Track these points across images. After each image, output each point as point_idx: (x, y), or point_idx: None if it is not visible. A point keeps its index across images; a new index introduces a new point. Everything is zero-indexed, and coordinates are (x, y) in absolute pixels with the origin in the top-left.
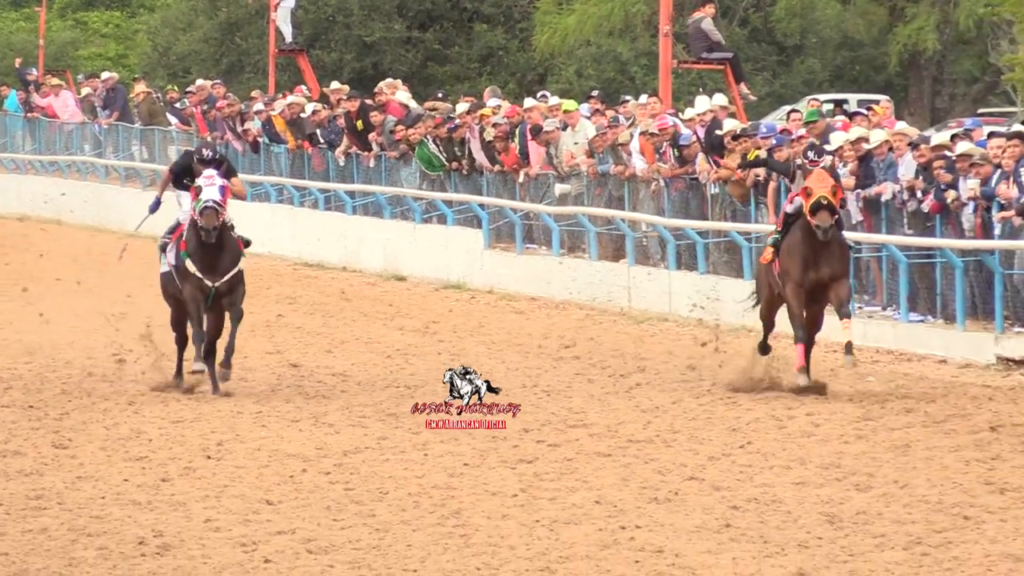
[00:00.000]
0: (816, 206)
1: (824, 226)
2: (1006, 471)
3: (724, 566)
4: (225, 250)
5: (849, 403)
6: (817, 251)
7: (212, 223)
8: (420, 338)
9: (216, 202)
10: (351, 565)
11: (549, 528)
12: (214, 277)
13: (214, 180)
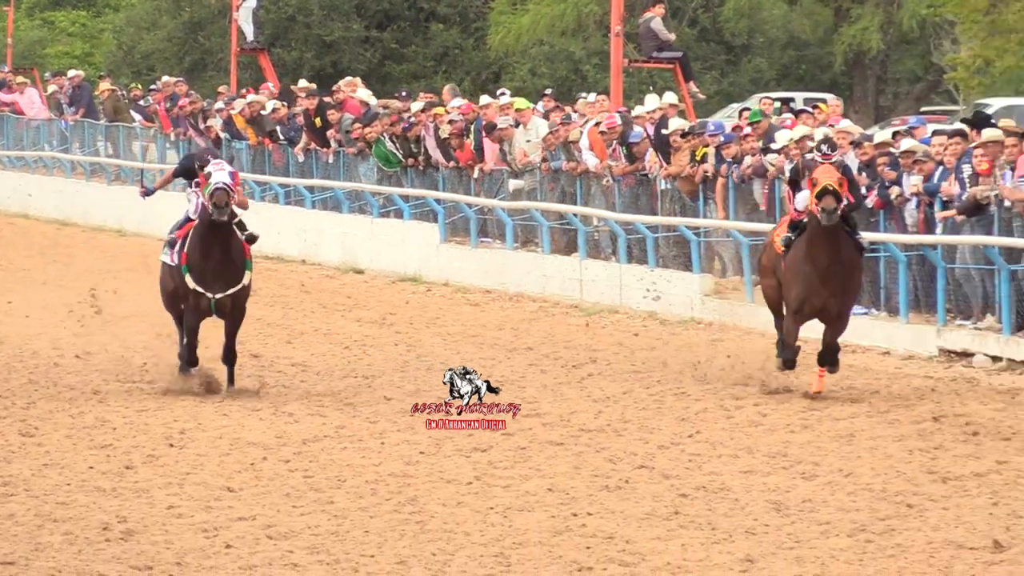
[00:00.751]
0: (822, 192)
1: (829, 208)
2: (948, 460)
3: (673, 552)
4: (230, 261)
5: (795, 394)
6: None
7: (223, 200)
8: (377, 329)
9: (227, 184)
10: (310, 550)
11: (503, 515)
12: (215, 289)
13: (223, 166)
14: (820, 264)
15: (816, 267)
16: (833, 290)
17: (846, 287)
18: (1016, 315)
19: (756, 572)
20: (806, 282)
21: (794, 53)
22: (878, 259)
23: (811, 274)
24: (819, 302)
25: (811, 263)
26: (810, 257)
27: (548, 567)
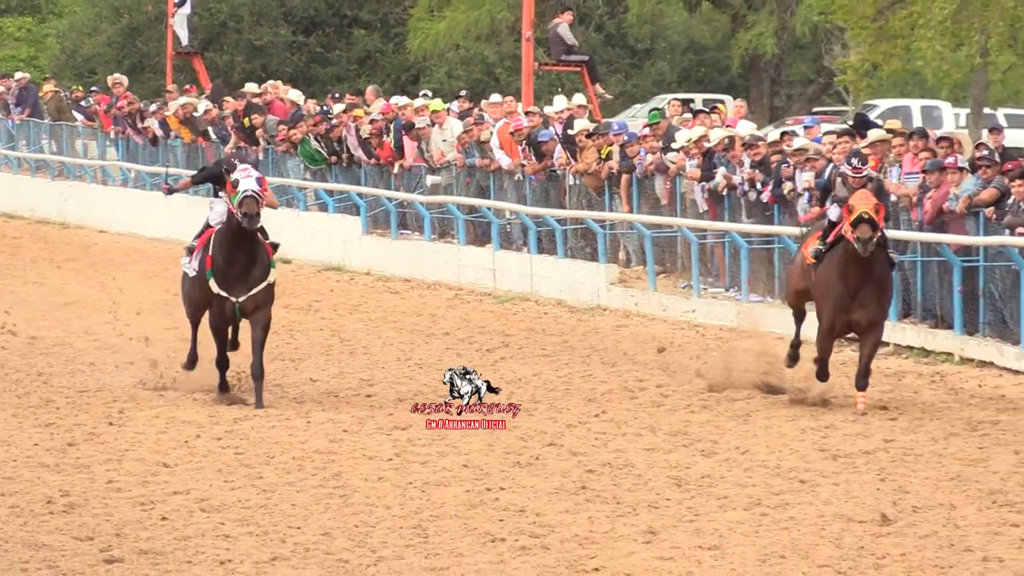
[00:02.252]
0: (858, 220)
1: (864, 238)
2: (839, 439)
3: (581, 524)
4: (254, 263)
5: (695, 377)
6: (856, 288)
7: (253, 209)
8: (304, 315)
9: (255, 191)
10: (240, 522)
11: (421, 489)
12: (238, 292)
13: (250, 172)
14: (852, 283)
15: (848, 285)
16: (864, 303)
17: (878, 301)
18: (902, 303)
19: (658, 543)
20: (838, 300)
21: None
22: (773, 250)
23: (843, 292)
24: (850, 318)
25: (843, 282)
26: (843, 276)
27: (463, 538)
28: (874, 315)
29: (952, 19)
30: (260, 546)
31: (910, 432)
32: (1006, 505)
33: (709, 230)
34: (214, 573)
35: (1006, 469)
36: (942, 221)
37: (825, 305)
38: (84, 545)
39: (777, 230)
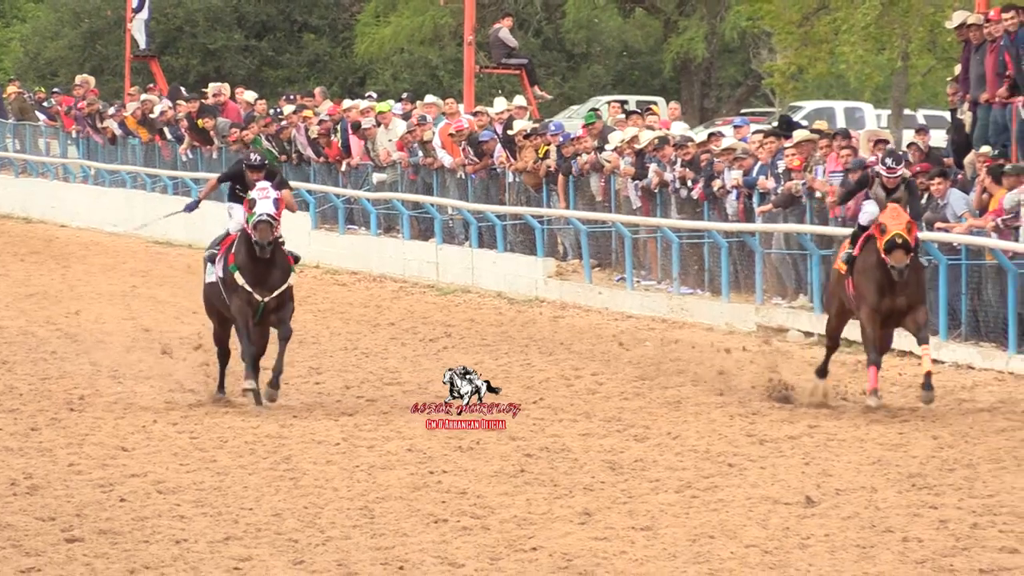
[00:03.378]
0: (891, 245)
1: (899, 267)
2: (765, 424)
3: (519, 506)
4: (276, 265)
5: (628, 364)
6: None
7: (267, 237)
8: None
9: (271, 215)
10: (195, 504)
11: (367, 472)
12: (263, 291)
13: (268, 193)
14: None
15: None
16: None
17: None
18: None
19: (593, 524)
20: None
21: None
22: (703, 245)
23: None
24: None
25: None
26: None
27: (408, 519)
28: (915, 296)
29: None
30: (214, 526)
31: (833, 418)
32: (925, 488)
33: (642, 225)
34: (170, 552)
35: (924, 453)
36: None
37: (866, 290)
38: (46, 525)
39: (707, 225)
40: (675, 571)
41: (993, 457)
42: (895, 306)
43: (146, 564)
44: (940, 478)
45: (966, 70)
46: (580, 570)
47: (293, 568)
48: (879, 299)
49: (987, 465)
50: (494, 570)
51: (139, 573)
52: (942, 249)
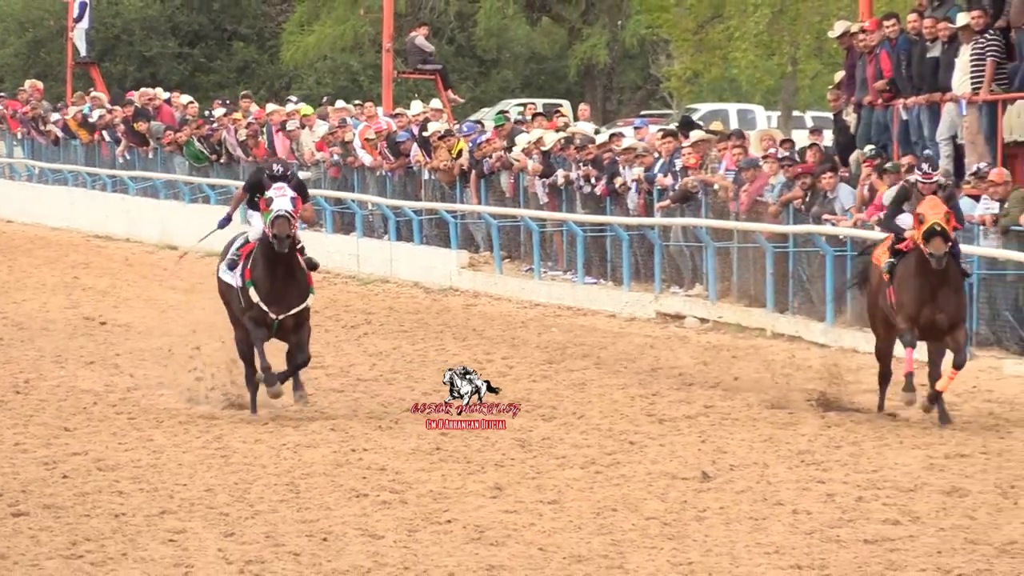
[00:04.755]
0: (929, 233)
1: (938, 254)
2: (664, 405)
3: (435, 481)
4: (293, 282)
5: (537, 349)
6: (934, 288)
7: (284, 231)
8: (189, 296)
9: (288, 211)
10: (133, 480)
11: (293, 450)
12: (279, 309)
13: (284, 191)
14: (930, 279)
15: (927, 281)
16: (943, 306)
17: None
18: (720, 284)
19: (504, 498)
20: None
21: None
22: (605, 238)
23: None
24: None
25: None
26: (919, 273)
27: (331, 493)
28: (955, 316)
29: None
30: (150, 501)
31: (728, 399)
32: (813, 464)
33: (549, 220)
34: (110, 525)
35: (813, 432)
36: (757, 211)
37: (905, 298)
38: None
39: (609, 220)
40: (580, 542)
41: (877, 435)
42: (935, 320)
43: (87, 536)
44: (827, 455)
45: (850, 75)
46: (491, 541)
47: (224, 540)
48: (918, 310)
49: (871, 443)
50: (412, 541)
51: (81, 545)
52: (829, 242)
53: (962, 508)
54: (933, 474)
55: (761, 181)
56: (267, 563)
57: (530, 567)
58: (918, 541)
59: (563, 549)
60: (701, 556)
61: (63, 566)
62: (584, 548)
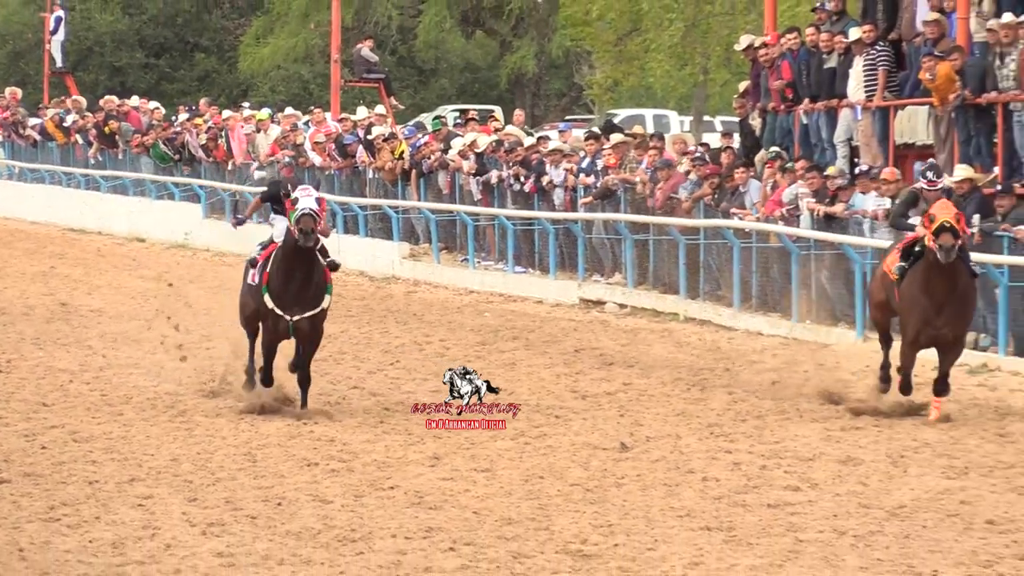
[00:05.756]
0: (940, 229)
1: (947, 246)
2: (587, 382)
3: (379, 451)
4: (311, 284)
5: (471, 332)
6: (941, 302)
7: (310, 226)
8: (155, 284)
9: (314, 210)
10: (105, 450)
11: (250, 424)
12: (294, 311)
13: (310, 192)
14: (937, 296)
15: (933, 299)
16: (949, 319)
17: (962, 315)
18: (637, 273)
19: (441, 466)
20: (923, 313)
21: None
22: (533, 231)
23: (928, 306)
24: (935, 332)
25: (927, 295)
26: (926, 289)
27: (285, 463)
28: (959, 331)
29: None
30: (121, 469)
31: (644, 377)
32: (721, 436)
33: (482, 215)
34: (84, 491)
35: (721, 407)
36: (671, 207)
37: (910, 319)
38: None
39: (537, 214)
40: (510, 506)
41: (779, 409)
42: (937, 336)
43: (64, 501)
44: (734, 427)
45: (755, 84)
46: (430, 505)
47: (188, 504)
48: (920, 328)
49: (774, 416)
50: (358, 505)
51: (58, 509)
52: (736, 234)
53: (856, 475)
54: (830, 445)
55: (675, 179)
56: (227, 525)
57: (465, 529)
58: (816, 505)
59: (495, 512)
60: (619, 519)
61: (42, 528)
62: (514, 511)
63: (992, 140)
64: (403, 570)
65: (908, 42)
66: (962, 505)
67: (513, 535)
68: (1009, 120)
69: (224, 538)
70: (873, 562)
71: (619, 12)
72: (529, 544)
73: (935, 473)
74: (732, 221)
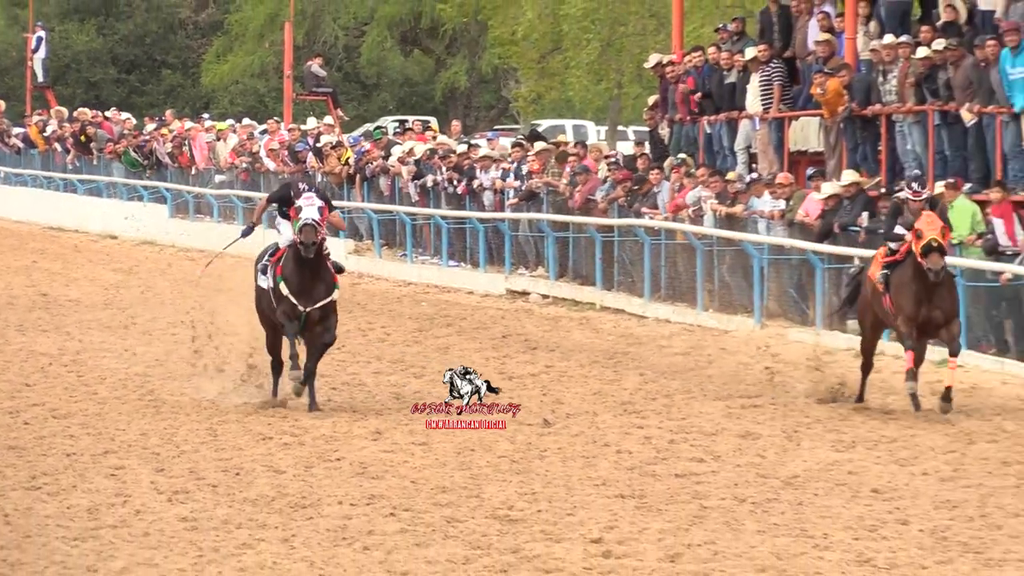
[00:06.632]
0: (927, 248)
1: (936, 268)
2: (513, 365)
3: (327, 427)
4: (320, 279)
5: (409, 320)
6: (929, 289)
7: (311, 238)
8: (127, 277)
9: (315, 220)
10: (82, 426)
11: (211, 402)
12: (307, 302)
13: (313, 201)
14: (922, 295)
15: (921, 289)
16: (939, 303)
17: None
18: (558, 266)
19: (383, 440)
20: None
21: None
22: (465, 229)
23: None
24: (928, 314)
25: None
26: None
27: (243, 437)
28: (949, 310)
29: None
30: (96, 443)
31: (564, 360)
32: (634, 413)
33: (419, 214)
34: (63, 462)
35: (633, 386)
36: (588, 208)
37: (904, 304)
38: None
39: (468, 214)
40: (444, 476)
41: (685, 389)
42: (931, 317)
43: (44, 472)
44: (645, 405)
45: (663, 98)
46: (373, 475)
47: (156, 474)
48: (916, 310)
49: (681, 395)
50: (308, 475)
51: (39, 479)
52: (647, 232)
53: (755, 448)
54: (731, 421)
55: (592, 183)
56: (190, 493)
57: (404, 496)
58: (719, 475)
59: (431, 481)
60: (543, 487)
61: (25, 496)
62: (448, 480)
63: (877, 148)
64: (349, 533)
65: (801, 60)
66: (850, 475)
67: (447, 502)
68: (892, 130)
69: (188, 504)
70: (770, 526)
71: (542, 32)
72: (461, 510)
73: (825, 447)
74: (643, 220)
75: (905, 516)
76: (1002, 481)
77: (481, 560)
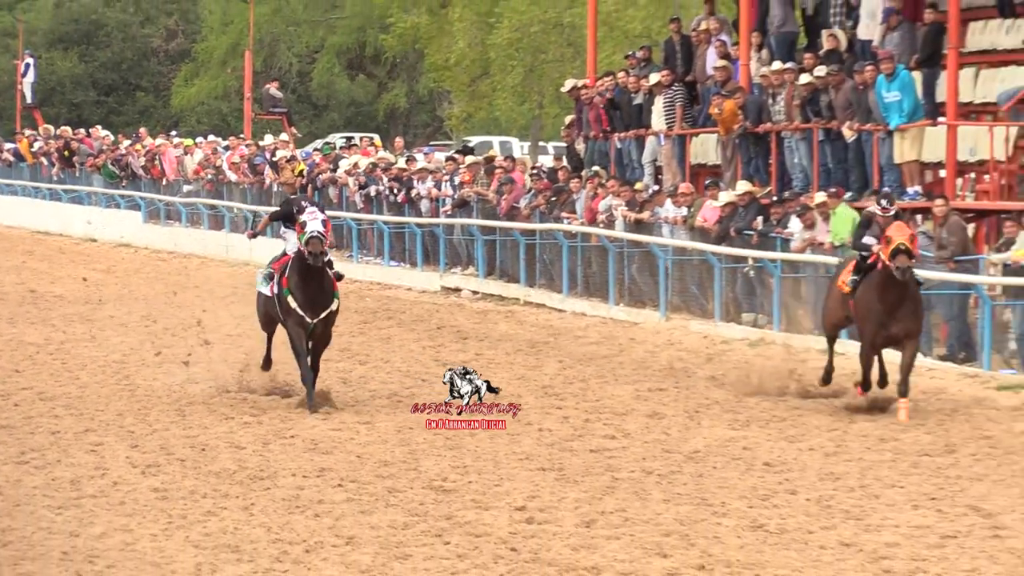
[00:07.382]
0: (896, 251)
1: (903, 267)
2: (447, 353)
3: (282, 408)
4: (323, 290)
5: (356, 314)
6: (893, 307)
7: (318, 249)
8: (105, 275)
9: (320, 233)
10: (65, 408)
11: (181, 386)
12: (313, 315)
13: (316, 215)
14: (889, 302)
15: (885, 304)
16: (900, 320)
17: (913, 315)
18: (487, 266)
19: (332, 419)
20: (877, 317)
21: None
22: (404, 233)
23: (882, 312)
24: (887, 333)
25: (881, 302)
26: (881, 297)
27: (208, 417)
28: (911, 327)
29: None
30: (78, 423)
31: (492, 349)
32: (554, 396)
33: (363, 220)
34: (48, 440)
35: (553, 372)
36: (513, 214)
37: (866, 325)
38: None
39: (407, 220)
40: (386, 451)
41: (599, 374)
42: (891, 336)
43: (32, 448)
44: (563, 388)
45: (579, 117)
46: (323, 450)
47: (132, 450)
48: (876, 332)
49: (596, 380)
50: (265, 451)
51: (27, 454)
52: (565, 236)
53: (660, 427)
54: (640, 403)
55: (517, 192)
56: (161, 466)
57: (350, 469)
58: (629, 451)
59: (374, 456)
60: (473, 461)
61: (14, 469)
62: (389, 455)
63: (767, 161)
64: (301, 502)
65: (701, 83)
66: (744, 450)
67: (389, 474)
68: (781, 146)
69: (159, 476)
70: (674, 496)
71: (472, 59)
72: (401, 481)
73: (723, 425)
74: (562, 225)
75: (794, 487)
76: (879, 456)
77: (419, 526)
